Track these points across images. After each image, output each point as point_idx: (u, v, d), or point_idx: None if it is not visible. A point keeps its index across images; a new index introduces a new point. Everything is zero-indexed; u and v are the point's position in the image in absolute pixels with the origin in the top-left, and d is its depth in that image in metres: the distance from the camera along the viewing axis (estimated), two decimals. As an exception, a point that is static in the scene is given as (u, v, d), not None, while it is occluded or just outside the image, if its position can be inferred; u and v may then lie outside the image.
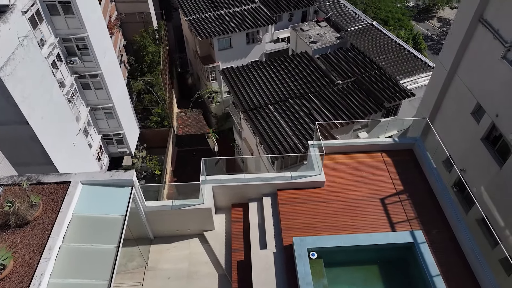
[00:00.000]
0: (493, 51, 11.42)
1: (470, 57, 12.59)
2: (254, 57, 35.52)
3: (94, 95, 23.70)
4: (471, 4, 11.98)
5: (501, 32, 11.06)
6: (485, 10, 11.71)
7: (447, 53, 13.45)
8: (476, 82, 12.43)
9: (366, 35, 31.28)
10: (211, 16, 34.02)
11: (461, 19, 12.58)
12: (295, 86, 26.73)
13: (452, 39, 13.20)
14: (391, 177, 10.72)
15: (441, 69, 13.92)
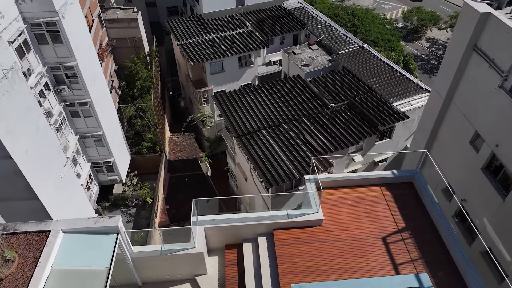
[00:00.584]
0: (490, 80, 11.21)
1: (466, 85, 12.37)
2: (247, 80, 35.43)
3: (83, 123, 23.15)
4: (465, 33, 11.84)
5: (496, 61, 10.87)
6: (479, 39, 11.55)
7: (443, 81, 13.24)
8: (473, 110, 12.17)
9: (358, 58, 31.40)
10: (203, 40, 34.02)
11: (455, 47, 12.42)
12: (288, 110, 26.48)
13: (446, 67, 13.02)
14: (392, 212, 10.26)
15: (436, 96, 13.69)
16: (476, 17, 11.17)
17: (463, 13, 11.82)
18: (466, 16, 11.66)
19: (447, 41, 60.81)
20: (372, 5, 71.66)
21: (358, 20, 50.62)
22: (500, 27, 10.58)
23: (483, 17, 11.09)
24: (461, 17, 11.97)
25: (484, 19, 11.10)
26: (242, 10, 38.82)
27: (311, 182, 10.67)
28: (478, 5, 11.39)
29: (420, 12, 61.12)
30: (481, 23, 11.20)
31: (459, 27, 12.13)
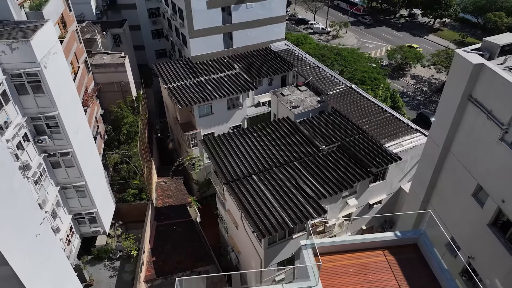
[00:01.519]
0: (489, 131, 10.74)
1: (464, 136, 11.90)
2: (236, 121, 35.06)
3: (65, 174, 22.05)
4: (458, 83, 11.52)
5: (495, 113, 10.46)
6: (474, 90, 11.21)
7: (439, 130, 12.79)
8: (473, 162, 11.60)
9: (347, 98, 31.43)
10: (191, 83, 33.87)
11: (450, 97, 12.07)
12: (279, 153, 25.86)
13: (442, 116, 12.61)
14: (398, 281, 9.34)
15: (433, 145, 13.17)
16: (469, 68, 10.89)
17: (456, 64, 11.56)
18: (459, 66, 11.39)
19: (431, 78, 62.40)
20: (356, 44, 73.93)
21: (344, 59, 51.62)
22: (495, 79, 10.26)
23: (477, 68, 10.81)
24: (454, 67, 11.70)
25: (478, 70, 10.82)
26: (230, 52, 39.21)
27: (308, 249, 9.76)
28: (470, 56, 11.16)
29: (403, 50, 63.01)
30: (474, 74, 10.91)
31: (452, 77, 11.84)
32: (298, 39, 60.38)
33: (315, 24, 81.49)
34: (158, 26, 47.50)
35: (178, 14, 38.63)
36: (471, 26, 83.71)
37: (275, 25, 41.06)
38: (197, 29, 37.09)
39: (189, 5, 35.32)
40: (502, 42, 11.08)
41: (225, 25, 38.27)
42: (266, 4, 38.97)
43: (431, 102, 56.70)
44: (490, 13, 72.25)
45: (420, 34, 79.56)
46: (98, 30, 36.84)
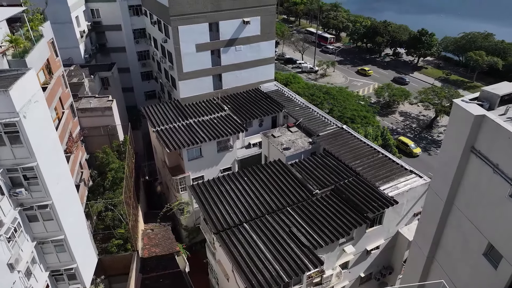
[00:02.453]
0: (497, 186, 10.01)
1: (469, 189, 11.15)
2: (226, 164, 34.17)
3: (42, 228, 20.54)
4: (459, 134, 10.94)
5: (502, 167, 9.78)
6: (476, 141, 10.61)
7: (441, 182, 12.05)
8: (482, 218, 10.78)
9: (338, 139, 30.99)
10: (179, 126, 33.23)
11: (451, 148, 11.46)
12: (271, 199, 24.83)
13: (443, 167, 11.92)
14: None
15: (435, 198, 12.38)
16: (470, 119, 10.36)
17: (455, 114, 11.05)
18: (459, 117, 10.86)
19: (420, 115, 63.14)
20: (344, 83, 75.30)
21: (334, 98, 52.07)
22: (499, 131, 9.70)
23: (478, 120, 10.27)
24: (453, 118, 11.18)
25: (479, 121, 10.30)
26: (220, 93, 39.07)
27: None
28: (470, 106, 10.67)
29: (391, 88, 64.14)
30: (476, 126, 10.37)
31: (452, 128, 11.29)
32: (287, 78, 61.24)
33: (303, 64, 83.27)
34: (147, 68, 47.58)
35: (168, 57, 38.72)
36: (453, 64, 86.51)
37: (264, 67, 41.36)
38: (187, 72, 37.03)
39: (178, 48, 35.45)
40: (502, 92, 10.67)
41: (214, 67, 38.38)
42: (255, 47, 39.42)
43: (421, 139, 56.91)
44: (471, 52, 74.91)
45: (406, 72, 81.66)
46: (86, 73, 36.50)
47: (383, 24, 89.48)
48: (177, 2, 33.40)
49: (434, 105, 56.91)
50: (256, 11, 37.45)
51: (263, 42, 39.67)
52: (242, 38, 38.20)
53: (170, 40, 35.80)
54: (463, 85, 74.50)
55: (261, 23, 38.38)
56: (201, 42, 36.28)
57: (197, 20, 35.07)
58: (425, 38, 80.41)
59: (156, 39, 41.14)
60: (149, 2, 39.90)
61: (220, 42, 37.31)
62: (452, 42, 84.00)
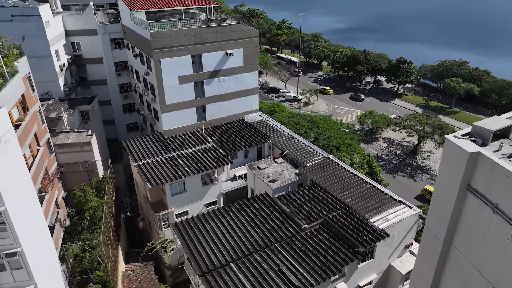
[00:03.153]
0: (498, 228, 9.45)
1: (468, 230, 10.57)
2: (211, 198, 33.04)
3: (10, 277, 18.87)
4: (454, 172, 10.46)
5: (502, 207, 9.25)
6: (472, 179, 10.12)
7: (437, 222, 11.45)
8: (484, 261, 10.13)
9: (325, 170, 30.47)
10: (162, 160, 32.21)
11: (445, 186, 10.94)
12: (258, 235, 23.77)
13: (439, 206, 11.36)
14: None
15: (432, 238, 11.73)
16: (465, 157, 9.93)
17: (448, 151, 10.61)
18: (453, 154, 10.42)
19: (403, 141, 63.77)
20: (328, 111, 76.09)
21: (318, 126, 52.13)
22: (496, 170, 9.25)
23: (473, 157, 9.82)
24: (447, 155, 10.74)
25: (474, 158, 9.85)
26: (204, 125, 38.46)
27: None
28: (463, 142, 10.25)
29: (373, 115, 64.96)
30: (471, 163, 9.92)
31: (446, 165, 10.83)
32: (271, 107, 61.39)
33: (286, 92, 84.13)
34: (129, 101, 46.88)
35: (150, 89, 38.19)
36: (432, 90, 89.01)
37: (248, 97, 41.23)
38: (169, 104, 36.48)
39: (160, 81, 35.02)
40: (494, 128, 10.33)
41: (198, 98, 37.99)
42: (238, 78, 39.38)
43: (405, 165, 57.15)
44: (448, 79, 77.35)
45: (387, 99, 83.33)
46: (65, 107, 35.49)
47: (363, 53, 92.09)
48: (159, 35, 33.27)
49: (417, 132, 57.65)
50: (239, 43, 37.66)
51: (246, 73, 39.72)
52: (225, 69, 38.16)
53: (152, 72, 35.41)
54: (443, 110, 76.26)
55: (244, 54, 38.55)
56: (184, 74, 36.00)
57: (180, 53, 34.92)
58: (403, 66, 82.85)
59: (138, 72, 40.71)
60: (131, 35, 39.74)
61: (203, 73, 37.13)
62: (429, 70, 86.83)
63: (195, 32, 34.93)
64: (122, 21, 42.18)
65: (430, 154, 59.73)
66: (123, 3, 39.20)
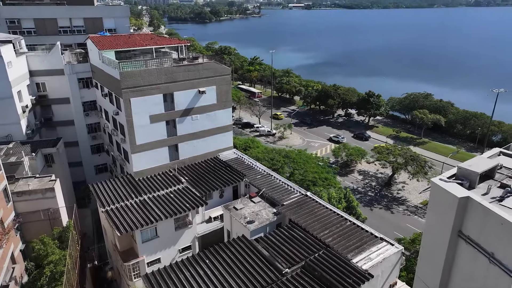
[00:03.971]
0: (496, 278, 8.70)
1: (464, 280, 9.78)
2: (185, 242, 31.14)
3: None
4: (443, 218, 9.82)
5: (498, 256, 8.57)
6: (464, 226, 9.49)
7: (429, 271, 10.66)
8: (483, 315, 9.27)
9: (304, 208, 29.58)
10: (132, 204, 30.38)
11: (435, 233, 10.27)
12: (237, 284, 22.17)
13: (430, 254, 10.63)
14: None
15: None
16: (454, 202, 9.36)
17: (436, 196, 10.05)
18: (441, 199, 9.85)
19: (377, 173, 64.34)
20: (302, 144, 76.45)
21: (293, 161, 51.76)
22: (489, 216, 8.69)
23: (463, 202, 9.24)
24: (434, 200, 10.16)
25: (464, 203, 9.28)
26: (177, 165, 37.12)
27: None
28: (450, 186, 9.72)
29: (347, 148, 65.63)
30: (461, 209, 9.34)
31: (434, 210, 10.24)
32: (246, 143, 60.85)
33: (261, 127, 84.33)
34: (98, 141, 45.01)
35: (119, 129, 36.77)
36: (401, 122, 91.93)
37: (222, 134, 40.48)
38: (140, 144, 35.07)
39: (130, 121, 33.79)
40: (480, 170, 9.93)
41: (170, 137, 36.82)
42: (211, 115, 38.76)
43: (382, 197, 57.27)
44: (416, 110, 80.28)
45: (359, 131, 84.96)
46: (26, 151, 33.34)
47: (333, 88, 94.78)
48: (128, 74, 32.45)
49: (391, 163, 58.41)
50: (211, 81, 37.37)
51: (220, 110, 39.21)
52: (198, 107, 37.52)
53: (122, 112, 34.19)
54: (413, 141, 78.38)
55: (217, 92, 38.20)
56: (155, 113, 35.00)
57: (151, 92, 34.09)
58: (373, 99, 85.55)
59: (108, 112, 39.34)
60: (100, 75, 38.72)
61: (176, 112, 36.28)
62: (397, 102, 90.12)
63: (166, 71, 34.40)
64: (90, 60, 41.21)
65: (405, 185, 60.36)
66: (92, 43, 38.43)
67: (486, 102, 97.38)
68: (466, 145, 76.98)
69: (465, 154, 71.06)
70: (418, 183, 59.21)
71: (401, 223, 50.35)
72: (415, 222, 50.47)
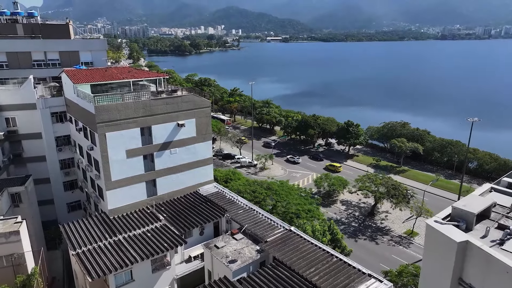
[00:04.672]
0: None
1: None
2: (163, 285, 29.16)
3: None
4: (441, 264, 9.05)
5: (506, 308, 7.76)
6: (464, 272, 8.72)
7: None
8: None
9: (288, 244, 28.42)
10: (106, 245, 28.46)
11: (433, 279, 9.43)
12: (219, 332, 20.46)
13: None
14: None
15: None
16: (452, 247, 8.65)
17: (431, 239, 9.35)
18: (437, 243, 9.14)
19: (360, 202, 63.94)
20: (284, 175, 75.74)
21: (276, 193, 50.75)
22: (493, 263, 7.97)
23: (462, 247, 8.52)
24: (430, 244, 9.44)
25: (463, 248, 8.56)
26: (154, 201, 35.51)
27: None
28: (447, 229, 9.02)
29: (329, 178, 65.29)
30: (460, 254, 8.62)
31: (430, 255, 9.50)
32: (227, 175, 59.62)
33: (242, 158, 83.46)
34: (71, 177, 42.89)
35: (94, 165, 35.13)
36: (381, 150, 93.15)
37: (203, 168, 39.37)
38: (116, 180, 33.46)
39: (106, 156, 32.35)
40: (476, 210, 9.32)
41: (147, 172, 35.41)
42: (191, 148, 37.76)
43: (365, 227, 56.53)
44: (394, 139, 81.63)
45: (339, 161, 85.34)
46: (-9, 190, 31.09)
47: (313, 118, 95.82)
48: (104, 108, 31.37)
49: (373, 193, 58.21)
50: (191, 114, 36.67)
51: (199, 143, 38.32)
52: (177, 140, 36.53)
53: (97, 147, 32.77)
54: (393, 169, 79.07)
55: (196, 124, 37.44)
56: (132, 148, 33.73)
57: (128, 126, 32.99)
58: (352, 128, 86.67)
59: (82, 146, 37.72)
60: (75, 109, 37.42)
61: (154, 146, 35.12)
62: (375, 131, 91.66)
63: (144, 104, 33.53)
64: (65, 94, 39.93)
65: (388, 214, 60.01)
66: (66, 77, 37.36)
67: (459, 130, 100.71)
68: (444, 172, 78.20)
69: (444, 181, 72.03)
70: (401, 212, 58.99)
71: (387, 254, 49.46)
72: (400, 253, 49.69)
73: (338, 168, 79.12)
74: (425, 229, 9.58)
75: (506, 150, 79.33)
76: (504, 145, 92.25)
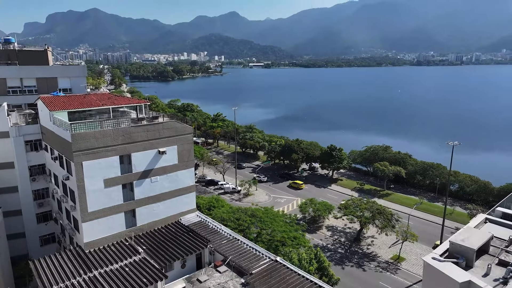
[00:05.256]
0: None
1: None
2: (142, 325, 27.15)
3: None
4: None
5: None
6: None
7: None
8: None
9: (274, 277, 27.20)
10: (80, 282, 26.56)
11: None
12: None
13: None
14: None
15: None
16: (454, 287, 7.89)
17: (430, 278, 8.61)
18: (436, 282, 8.37)
19: (345, 228, 63.19)
20: (268, 201, 74.64)
21: (260, 220, 49.54)
22: (498, 306, 7.24)
23: (464, 287, 7.82)
24: (429, 283, 8.68)
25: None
26: (133, 233, 33.82)
27: None
28: (446, 267, 8.36)
29: (314, 203, 64.57)
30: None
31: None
32: (210, 202, 58.17)
33: (225, 184, 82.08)
34: (46, 208, 40.75)
35: (70, 195, 33.43)
36: (364, 174, 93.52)
37: (185, 196, 38.09)
38: (92, 211, 31.80)
39: (82, 186, 30.83)
40: (476, 245, 8.73)
41: (126, 202, 33.88)
42: (173, 176, 36.57)
43: (352, 253, 55.56)
44: (377, 163, 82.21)
45: (324, 185, 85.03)
46: (-45, 225, 28.92)
47: (296, 142, 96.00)
48: (81, 136, 30.16)
49: (358, 218, 57.67)
50: (172, 141, 35.76)
51: (181, 170, 37.22)
52: (158, 168, 35.35)
53: (73, 177, 31.26)
54: (377, 193, 79.14)
55: (178, 151, 36.47)
56: (110, 177, 32.34)
57: (106, 154, 31.73)
58: (335, 152, 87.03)
59: (57, 176, 36.03)
60: (50, 136, 35.95)
61: (133, 175, 33.81)
62: (358, 155, 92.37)
63: (123, 131, 32.48)
64: (41, 121, 38.48)
65: (374, 239, 59.33)
66: (42, 104, 36.08)
67: (438, 152, 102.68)
68: (427, 195, 78.71)
69: (428, 204, 72.34)
70: (386, 237, 58.42)
71: (374, 281, 48.39)
72: (387, 280, 48.72)
73: (301, 185, 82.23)
74: (423, 267, 8.92)
75: (483, 172, 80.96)
76: (481, 167, 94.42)
